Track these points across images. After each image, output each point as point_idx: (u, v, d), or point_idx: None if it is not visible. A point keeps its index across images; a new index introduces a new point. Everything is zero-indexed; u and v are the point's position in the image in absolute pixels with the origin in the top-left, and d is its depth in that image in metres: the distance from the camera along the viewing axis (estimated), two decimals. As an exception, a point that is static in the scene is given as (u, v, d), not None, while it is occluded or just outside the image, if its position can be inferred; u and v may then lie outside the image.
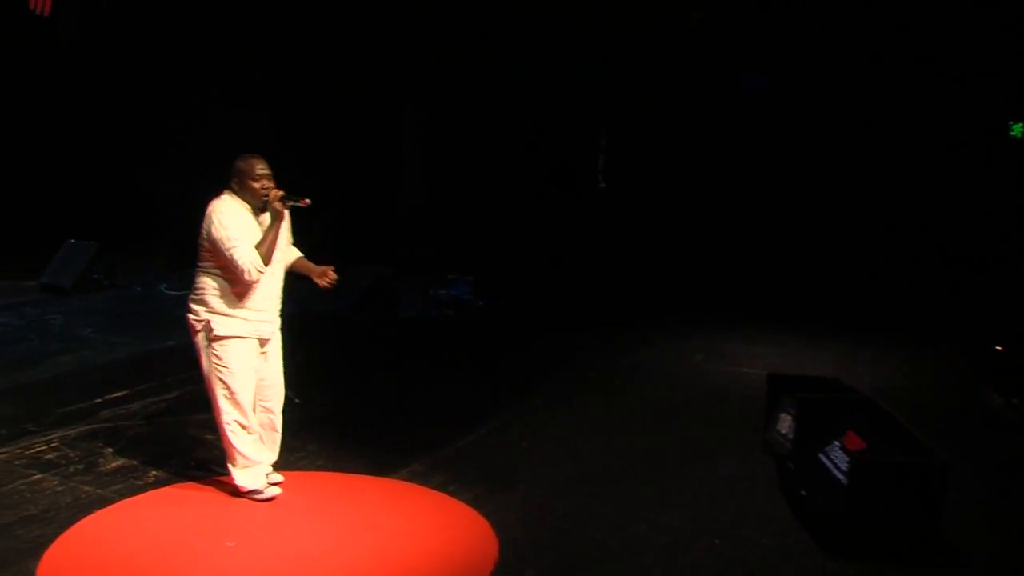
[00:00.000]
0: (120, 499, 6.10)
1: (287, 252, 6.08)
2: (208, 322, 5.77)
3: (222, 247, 5.63)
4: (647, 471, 6.80)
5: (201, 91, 15.77)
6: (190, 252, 13.33)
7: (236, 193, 5.79)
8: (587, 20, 14.35)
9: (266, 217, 5.81)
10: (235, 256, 5.59)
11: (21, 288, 13.81)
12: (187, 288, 6.04)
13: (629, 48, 14.55)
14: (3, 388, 8.63)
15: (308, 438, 7.17)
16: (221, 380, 5.83)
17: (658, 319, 12.00)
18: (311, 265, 6.26)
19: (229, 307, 5.75)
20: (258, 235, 5.73)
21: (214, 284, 5.77)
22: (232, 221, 5.65)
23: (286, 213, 5.86)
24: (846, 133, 14.24)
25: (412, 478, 6.47)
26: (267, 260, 5.67)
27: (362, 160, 15.84)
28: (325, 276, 6.13)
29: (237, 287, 5.73)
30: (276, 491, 6.04)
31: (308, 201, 5.82)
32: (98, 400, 8.17)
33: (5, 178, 12.07)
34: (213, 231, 5.66)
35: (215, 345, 5.79)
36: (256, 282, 5.68)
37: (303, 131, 15.56)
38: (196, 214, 5.85)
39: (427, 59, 15.44)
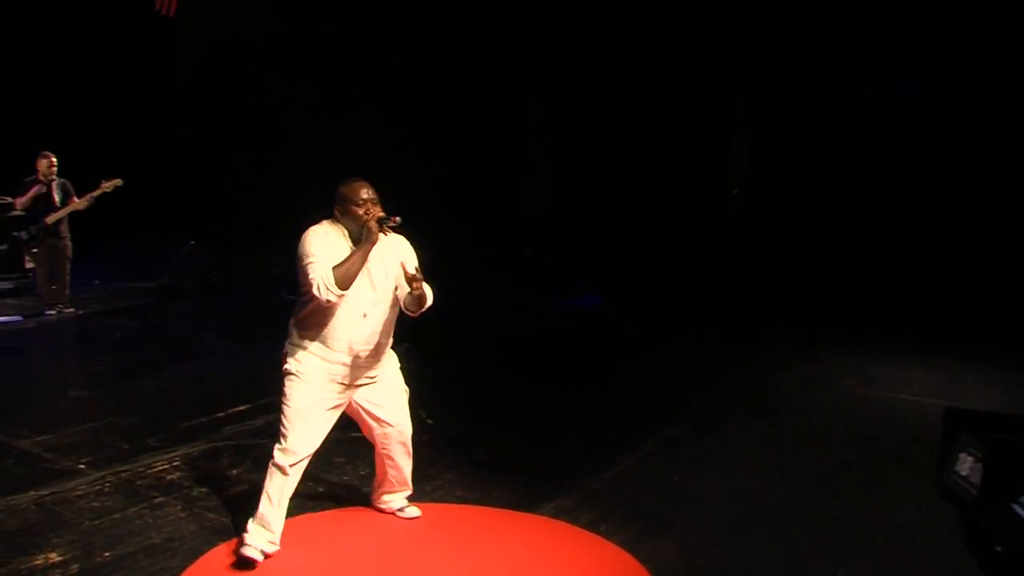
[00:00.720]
0: (243, 531, 5.67)
1: (386, 290, 5.28)
2: (285, 353, 5.33)
3: (300, 265, 5.09)
4: (813, 515, 6.16)
5: (322, 94, 15.50)
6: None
7: (338, 220, 5.23)
8: (721, 19, 13.73)
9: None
10: (308, 271, 5.01)
11: (140, 289, 13.70)
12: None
13: (767, 48, 13.86)
14: (124, 398, 8.35)
15: (443, 465, 6.71)
16: (282, 414, 5.29)
17: (798, 335, 11.29)
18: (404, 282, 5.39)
19: (307, 342, 5.23)
20: None
21: (301, 314, 5.27)
22: (319, 243, 5.11)
23: (382, 238, 5.15)
24: (1004, 137, 13.27)
25: (559, 514, 5.95)
26: (345, 281, 4.96)
27: (485, 163, 15.41)
28: (414, 281, 5.22)
29: (319, 320, 5.17)
30: (258, 557, 5.22)
31: (399, 219, 5.15)
32: (221, 414, 7.83)
33: (127, 179, 11.85)
34: (299, 253, 5.12)
35: (285, 378, 5.29)
36: (331, 305, 5.03)
37: (425, 133, 15.20)
38: (315, 217, 5.36)
39: (554, 57, 14.93)
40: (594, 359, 10.29)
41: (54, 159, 12.02)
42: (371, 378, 5.36)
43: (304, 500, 6.07)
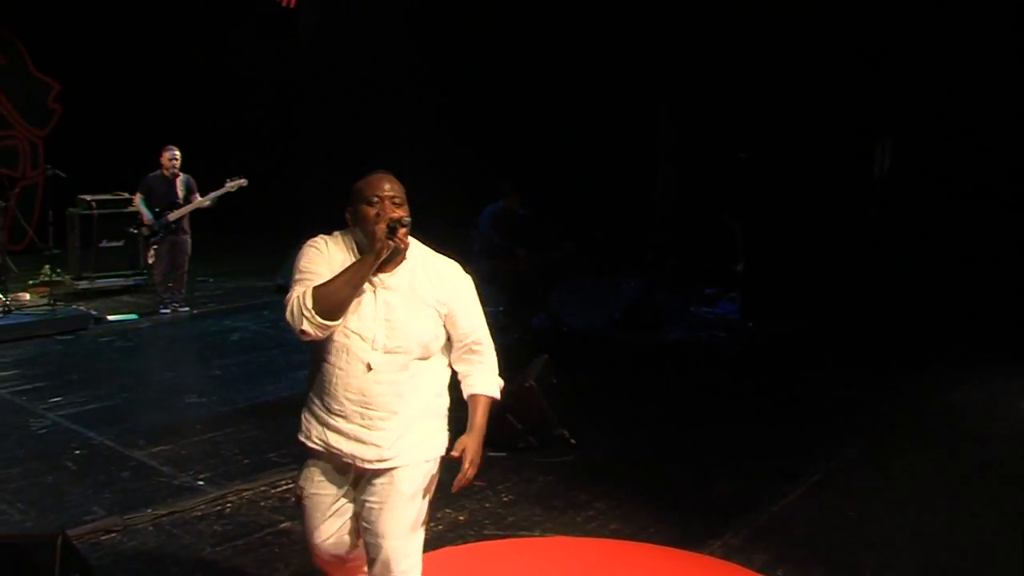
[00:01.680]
0: (382, 562, 5.11)
1: (410, 336, 3.67)
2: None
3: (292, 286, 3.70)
4: (1017, 568, 5.37)
5: (441, 90, 15.05)
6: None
7: (349, 227, 3.79)
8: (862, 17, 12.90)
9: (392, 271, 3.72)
10: (288, 295, 3.64)
11: (257, 289, 13.38)
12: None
13: (914, 44, 12.99)
14: (245, 407, 7.90)
15: (593, 492, 6.07)
16: None
17: (960, 350, 10.33)
18: (475, 418, 3.88)
19: (313, 398, 3.83)
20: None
21: (312, 366, 3.87)
22: (314, 257, 3.70)
23: (409, 261, 3.73)
24: None
25: (729, 555, 5.26)
26: (328, 306, 3.52)
27: (612, 161, 14.79)
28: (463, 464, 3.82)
29: (317, 369, 3.77)
30: None
31: (407, 221, 3.64)
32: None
33: (249, 178, 11.55)
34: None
35: None
36: (315, 339, 3.59)
37: (553, 131, 14.64)
38: (424, 217, 4.63)
39: (684, 53, 14.26)
40: (739, 374, 9.50)
41: (177, 153, 11.71)
42: (383, 461, 3.71)
43: (444, 530, 5.51)
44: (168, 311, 11.89)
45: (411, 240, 3.70)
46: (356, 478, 3.83)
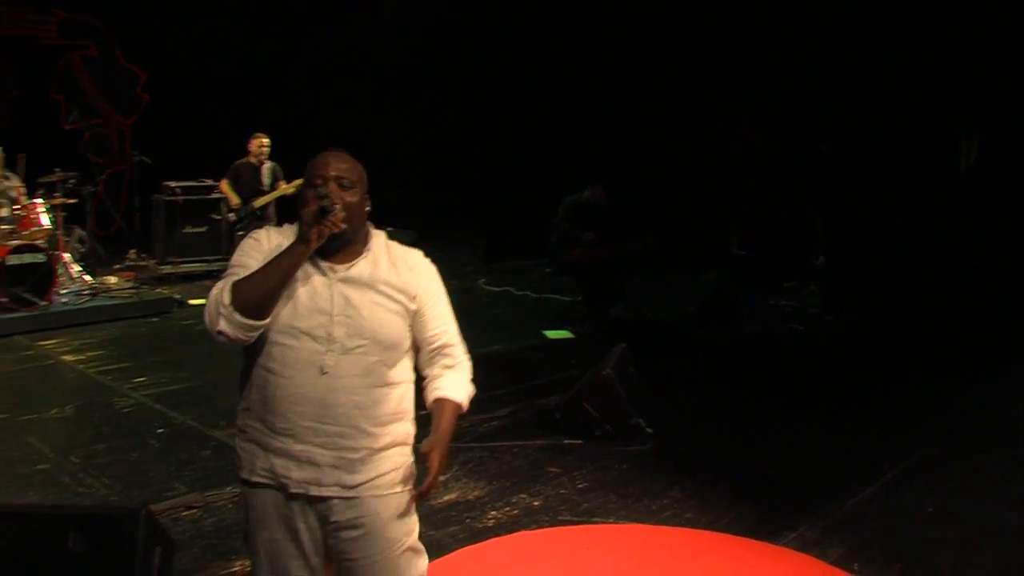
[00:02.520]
0: (457, 544, 5.16)
1: (372, 330, 3.06)
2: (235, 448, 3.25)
3: None
4: None
5: (548, 87, 15.04)
6: (505, 246, 12.65)
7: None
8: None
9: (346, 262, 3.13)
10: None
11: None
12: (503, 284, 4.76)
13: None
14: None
15: (667, 481, 6.04)
16: None
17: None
18: (440, 422, 3.18)
19: (248, 422, 3.15)
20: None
21: (243, 378, 3.20)
22: (250, 249, 3.16)
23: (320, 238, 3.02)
24: None
25: (805, 547, 5.20)
26: (253, 304, 2.95)
27: (693, 154, 14.69)
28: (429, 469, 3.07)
29: (254, 381, 3.10)
30: None
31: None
32: (423, 412, 7.33)
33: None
34: None
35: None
36: (238, 342, 3.01)
37: (637, 125, 14.57)
38: (515, 206, 4.63)
39: (767, 41, 14.10)
40: (817, 368, 9.39)
41: (266, 140, 11.90)
42: (348, 489, 3.06)
43: (520, 515, 5.54)
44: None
45: (376, 232, 3.22)
46: (319, 519, 3.10)
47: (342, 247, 3.10)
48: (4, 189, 10.90)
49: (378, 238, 3.21)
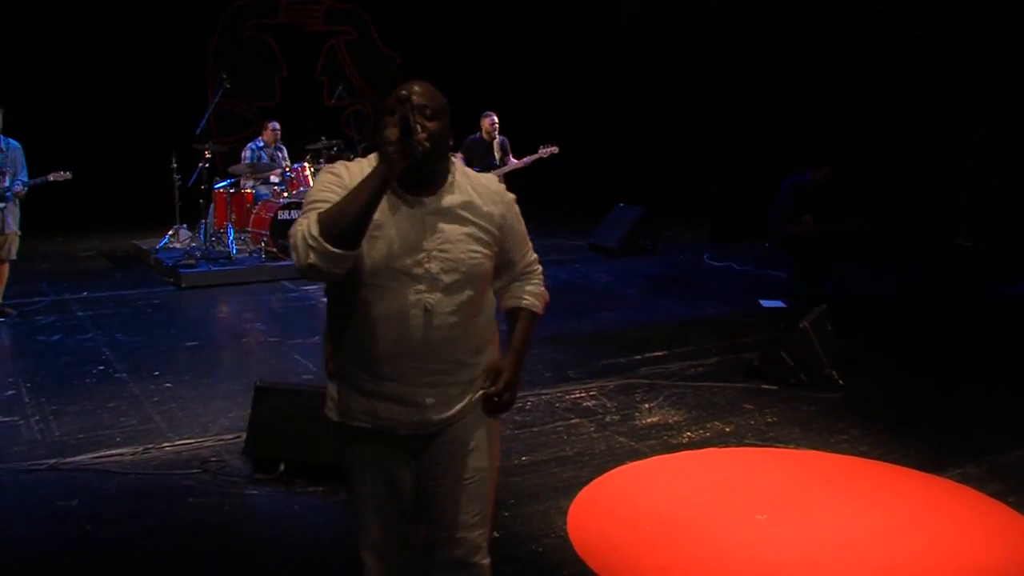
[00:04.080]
0: (653, 454, 5.92)
1: (467, 263, 3.01)
2: (326, 394, 3.25)
3: None
4: None
5: (751, 63, 15.42)
6: (733, 224, 13.08)
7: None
8: None
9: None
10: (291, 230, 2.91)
11: (571, 247, 14.37)
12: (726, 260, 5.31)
13: None
14: (549, 335, 8.82)
15: (849, 421, 6.58)
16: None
17: None
18: (517, 333, 3.27)
19: (345, 367, 3.11)
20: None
21: (329, 321, 3.16)
22: (329, 183, 2.96)
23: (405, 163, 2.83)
24: None
25: (965, 481, 5.65)
26: (343, 231, 2.77)
27: (920, 141, 14.75)
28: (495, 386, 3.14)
29: (349, 324, 3.03)
30: None
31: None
32: (637, 357, 8.12)
33: (563, 145, 12.56)
34: None
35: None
36: (320, 273, 2.80)
37: (866, 110, 14.77)
38: (742, 185, 5.19)
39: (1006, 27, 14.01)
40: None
41: (496, 119, 12.85)
42: (444, 424, 3.10)
43: (711, 436, 6.25)
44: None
45: (456, 159, 3.09)
46: (417, 459, 3.16)
47: (426, 178, 2.96)
48: (277, 159, 12.33)
49: (459, 167, 3.08)
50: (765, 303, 10.38)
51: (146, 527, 4.78)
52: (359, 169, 2.94)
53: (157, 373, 7.46)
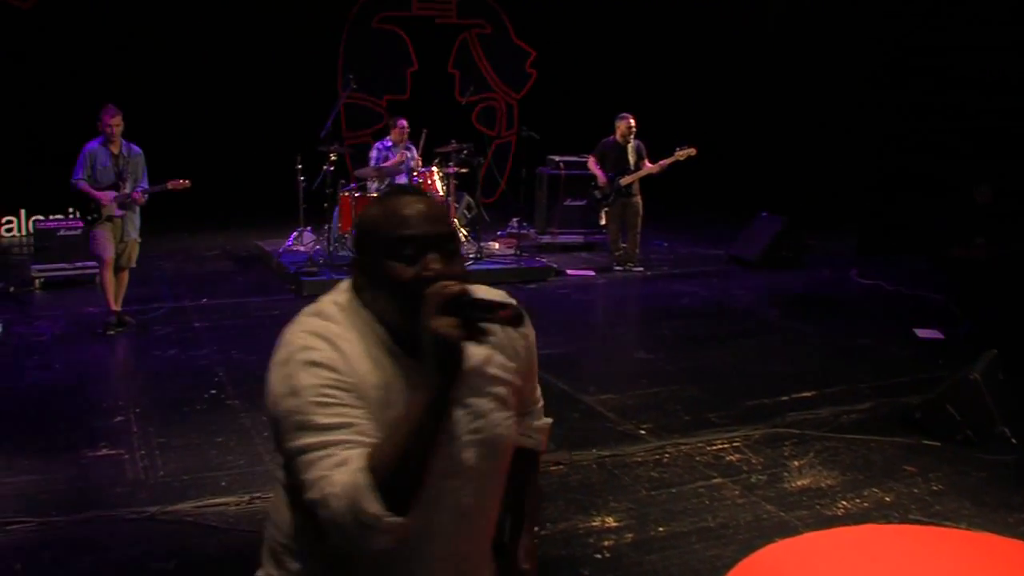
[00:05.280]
0: (805, 528, 5.34)
1: (508, 435, 2.31)
2: None
3: (281, 426, 2.06)
4: None
5: (905, 62, 14.53)
6: (879, 239, 12.15)
7: (359, 289, 2.19)
8: None
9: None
10: (304, 460, 1.99)
11: (708, 257, 13.80)
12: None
13: None
14: (688, 366, 8.31)
15: (1027, 495, 5.92)
16: None
17: None
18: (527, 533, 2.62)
19: None
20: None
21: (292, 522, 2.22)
22: (327, 385, 2.03)
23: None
24: None
25: None
26: (402, 492, 1.92)
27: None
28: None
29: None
30: None
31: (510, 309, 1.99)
32: (784, 398, 7.50)
33: (703, 148, 12.00)
34: (271, 393, 2.12)
35: None
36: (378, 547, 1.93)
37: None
38: (893, 198, 4.55)
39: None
40: None
41: (633, 122, 12.35)
42: None
43: (870, 507, 5.65)
44: (621, 269, 12.59)
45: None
46: None
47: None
48: (405, 160, 11.98)
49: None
50: (921, 333, 9.65)
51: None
52: (345, 337, 2.10)
53: (272, 403, 7.12)
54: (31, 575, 4.67)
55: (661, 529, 5.30)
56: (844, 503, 5.70)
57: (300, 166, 11.83)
